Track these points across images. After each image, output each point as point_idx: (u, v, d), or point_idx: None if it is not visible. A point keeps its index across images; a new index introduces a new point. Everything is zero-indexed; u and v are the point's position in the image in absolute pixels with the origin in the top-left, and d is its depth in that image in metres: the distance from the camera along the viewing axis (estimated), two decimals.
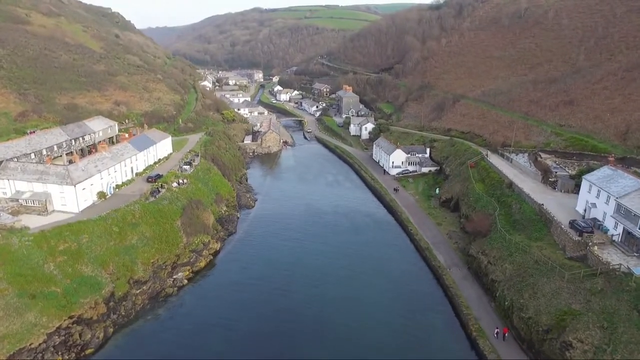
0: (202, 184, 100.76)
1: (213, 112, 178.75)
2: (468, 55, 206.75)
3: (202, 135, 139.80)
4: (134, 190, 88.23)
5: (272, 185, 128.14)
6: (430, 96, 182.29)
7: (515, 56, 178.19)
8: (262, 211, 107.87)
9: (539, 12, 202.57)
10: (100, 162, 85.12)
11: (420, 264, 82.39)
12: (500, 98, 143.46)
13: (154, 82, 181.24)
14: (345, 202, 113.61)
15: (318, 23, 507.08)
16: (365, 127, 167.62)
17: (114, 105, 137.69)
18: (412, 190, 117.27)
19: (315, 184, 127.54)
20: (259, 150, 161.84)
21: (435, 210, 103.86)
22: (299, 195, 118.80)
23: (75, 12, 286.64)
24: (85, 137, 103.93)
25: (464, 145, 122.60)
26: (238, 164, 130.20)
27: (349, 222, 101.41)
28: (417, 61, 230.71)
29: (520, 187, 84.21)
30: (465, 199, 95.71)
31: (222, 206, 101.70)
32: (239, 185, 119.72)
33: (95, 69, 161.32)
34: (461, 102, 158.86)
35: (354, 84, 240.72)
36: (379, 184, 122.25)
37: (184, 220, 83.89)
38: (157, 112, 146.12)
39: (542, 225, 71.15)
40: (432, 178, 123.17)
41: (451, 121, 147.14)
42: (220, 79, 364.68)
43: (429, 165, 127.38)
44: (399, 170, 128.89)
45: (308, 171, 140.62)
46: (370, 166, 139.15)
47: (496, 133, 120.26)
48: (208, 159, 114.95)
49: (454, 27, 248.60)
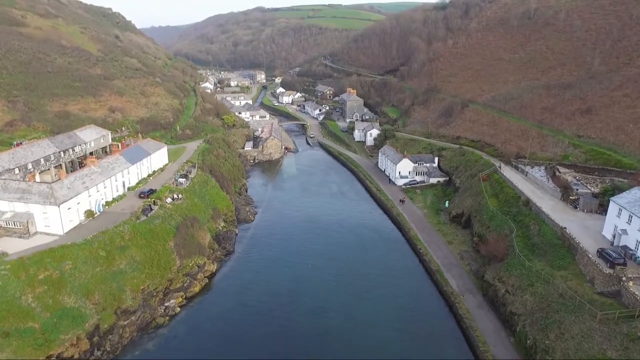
0: (199, 198, 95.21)
1: (213, 117, 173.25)
2: (476, 58, 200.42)
3: (201, 143, 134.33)
4: (125, 208, 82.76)
5: (273, 196, 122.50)
6: (437, 100, 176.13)
7: (525, 59, 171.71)
8: (262, 226, 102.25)
9: (549, 13, 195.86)
10: (88, 178, 79.64)
11: (431, 289, 76.56)
12: (511, 104, 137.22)
13: (152, 85, 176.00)
14: (350, 215, 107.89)
15: (321, 23, 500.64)
16: (370, 133, 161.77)
17: (109, 112, 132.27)
18: (420, 203, 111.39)
19: (318, 195, 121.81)
20: (260, 158, 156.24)
21: (445, 226, 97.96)
22: (301, 207, 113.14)
23: (74, 12, 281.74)
24: (75, 149, 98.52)
25: (475, 155, 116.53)
26: (237, 174, 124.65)
27: (354, 238, 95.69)
28: (423, 63, 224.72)
29: (538, 206, 78.17)
30: (477, 216, 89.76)
31: (220, 222, 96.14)
32: (238, 197, 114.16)
33: (90, 73, 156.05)
34: (470, 107, 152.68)
35: (358, 87, 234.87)
36: (385, 195, 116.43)
37: (178, 241, 78.33)
38: (154, 118, 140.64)
39: (566, 251, 65.17)
40: (441, 189, 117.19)
41: (460, 128, 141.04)
42: (222, 80, 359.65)
43: (438, 175, 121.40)
44: (406, 180, 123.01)
45: (311, 180, 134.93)
46: (376, 175, 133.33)
47: (509, 142, 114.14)
48: (205, 170, 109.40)
49: (461, 28, 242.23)
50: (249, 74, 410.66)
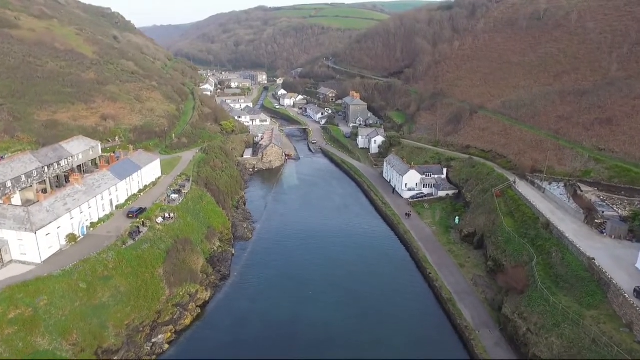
0: (192, 216, 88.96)
1: (211, 122, 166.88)
2: (483, 60, 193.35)
3: (197, 152, 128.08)
4: (112, 229, 76.47)
5: (272, 210, 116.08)
6: (444, 106, 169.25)
7: (536, 62, 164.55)
8: (261, 244, 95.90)
9: (560, 14, 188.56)
10: (70, 199, 73.43)
11: (443, 322, 70.10)
12: (523, 111, 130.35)
13: (148, 90, 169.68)
14: (354, 232, 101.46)
15: (323, 22, 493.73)
16: (375, 140, 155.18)
17: (101, 119, 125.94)
18: (428, 219, 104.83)
19: (320, 209, 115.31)
20: (260, 166, 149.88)
21: (456, 246, 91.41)
22: (302, 223, 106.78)
23: (71, 13, 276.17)
24: (61, 162, 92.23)
25: (486, 167, 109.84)
26: (235, 186, 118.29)
27: (358, 260, 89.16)
28: (429, 65, 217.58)
29: (560, 230, 71.55)
30: (492, 237, 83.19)
31: (215, 241, 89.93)
32: (236, 212, 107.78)
33: (83, 78, 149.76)
34: (479, 114, 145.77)
35: (361, 90, 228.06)
36: (391, 210, 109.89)
37: (168, 268, 72.11)
38: (149, 126, 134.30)
39: (595, 286, 58.59)
40: (450, 204, 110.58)
41: (469, 136, 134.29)
42: (223, 81, 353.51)
43: (447, 188, 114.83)
44: (413, 193, 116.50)
45: (313, 192, 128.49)
46: (381, 186, 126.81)
47: (523, 154, 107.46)
48: (201, 183, 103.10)
49: (467, 29, 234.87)
50: (250, 74, 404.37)
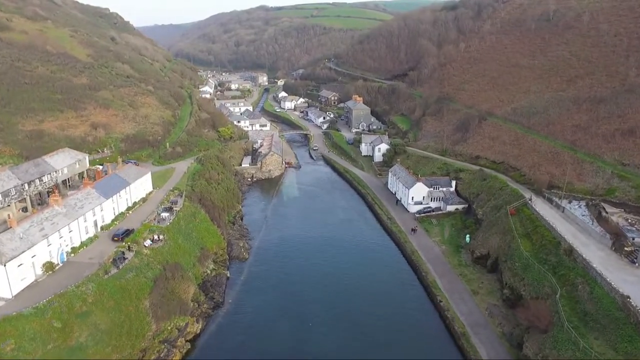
0: (184, 237, 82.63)
1: (208, 129, 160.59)
2: (491, 63, 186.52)
3: (192, 162, 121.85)
4: (94, 255, 70.19)
5: (271, 224, 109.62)
6: (451, 111, 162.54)
7: (547, 66, 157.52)
8: (258, 266, 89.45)
9: (570, 15, 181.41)
10: (48, 223, 67.16)
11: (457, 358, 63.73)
12: (535, 119, 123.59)
13: (143, 95, 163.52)
14: (358, 252, 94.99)
15: (325, 22, 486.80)
16: (379, 148, 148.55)
17: (91, 128, 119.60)
18: (436, 237, 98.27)
19: (322, 225, 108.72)
20: (259, 175, 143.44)
21: (467, 269, 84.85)
22: (304, 240, 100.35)
23: (67, 14, 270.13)
24: (43, 179, 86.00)
25: (499, 181, 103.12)
26: (232, 199, 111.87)
27: (362, 284, 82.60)
28: (434, 68, 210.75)
29: (585, 258, 64.97)
30: (508, 262, 76.65)
31: (209, 264, 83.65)
32: (232, 229, 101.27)
33: (74, 83, 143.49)
34: (488, 121, 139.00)
35: (364, 93, 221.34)
36: (397, 226, 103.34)
37: (155, 299, 65.82)
38: (142, 134, 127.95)
39: (633, 330, 51.99)
40: (460, 219, 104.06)
41: (479, 146, 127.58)
42: (223, 82, 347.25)
43: (456, 202, 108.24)
44: (420, 207, 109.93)
45: (314, 204, 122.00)
46: (386, 199, 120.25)
47: (538, 167, 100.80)
48: (194, 199, 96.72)
49: (473, 30, 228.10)
50: (250, 75, 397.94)
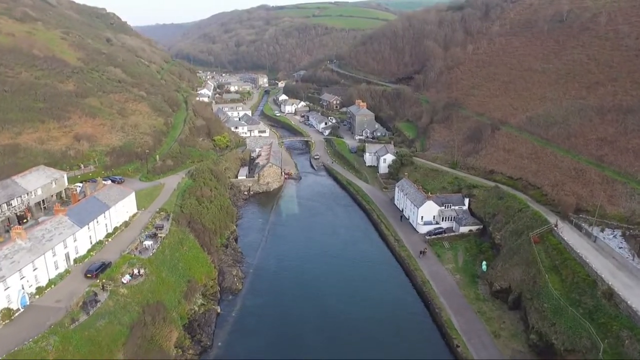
0: (169, 269, 73.72)
1: (203, 137, 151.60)
2: (501, 67, 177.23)
3: (183, 177, 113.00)
4: (63, 297, 61.32)
5: (268, 247, 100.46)
6: (460, 118, 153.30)
7: (562, 71, 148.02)
8: (252, 300, 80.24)
9: (585, 16, 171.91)
10: (7, 261, 58.26)
11: None
12: (555, 130, 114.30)
13: (135, 101, 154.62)
14: (363, 281, 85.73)
15: (327, 22, 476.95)
16: (384, 159, 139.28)
17: (73, 140, 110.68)
18: (449, 264, 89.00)
19: (324, 247, 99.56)
20: (256, 188, 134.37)
21: (486, 304, 75.65)
22: (303, 267, 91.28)
23: (61, 14, 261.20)
24: (12, 202, 77.25)
25: (517, 201, 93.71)
26: (225, 219, 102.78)
27: (368, 321, 73.66)
28: (440, 71, 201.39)
29: (630, 305, 55.71)
30: (534, 301, 67.47)
31: (197, 299, 74.73)
32: (224, 254, 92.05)
33: (60, 90, 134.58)
34: (502, 130, 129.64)
35: (367, 97, 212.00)
36: (405, 250, 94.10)
37: (130, 351, 56.85)
38: (130, 146, 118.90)
39: None
40: (475, 243, 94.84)
41: (493, 159, 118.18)
42: (222, 84, 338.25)
43: (470, 222, 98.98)
44: (430, 227, 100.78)
45: (315, 223, 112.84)
46: (392, 216, 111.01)
47: (561, 186, 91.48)
48: (183, 222, 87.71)
49: (481, 31, 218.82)
50: (250, 77, 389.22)
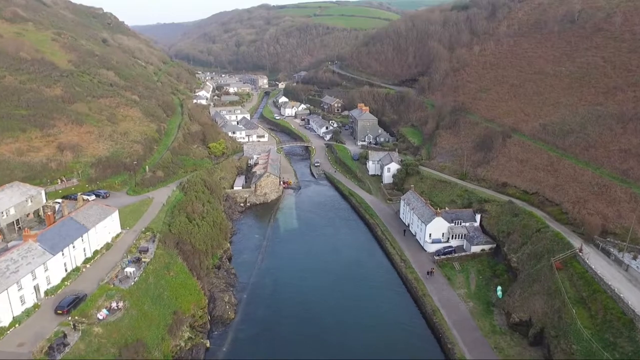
0: (152, 300, 66.38)
1: (197, 144, 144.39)
2: (509, 69, 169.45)
3: (174, 189, 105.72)
4: (26, 340, 53.94)
5: (264, 268, 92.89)
6: (468, 124, 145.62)
7: (577, 74, 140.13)
8: (246, 330, 72.86)
9: (599, 16, 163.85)
10: None
11: None
12: (572, 139, 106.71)
13: (126, 106, 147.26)
14: (368, 309, 78.31)
15: (328, 22, 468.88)
16: (388, 168, 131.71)
17: (56, 151, 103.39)
18: (461, 288, 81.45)
19: (325, 268, 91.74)
20: (253, 200, 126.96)
21: (503, 338, 68.10)
22: (302, 291, 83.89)
23: (55, 15, 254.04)
24: None
25: (534, 219, 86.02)
26: (218, 236, 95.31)
27: (375, 353, 66.44)
28: (446, 73, 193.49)
29: None
30: (560, 340, 59.95)
31: (183, 332, 67.29)
32: (216, 277, 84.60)
33: (45, 95, 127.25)
34: (514, 138, 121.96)
35: (370, 100, 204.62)
36: (413, 272, 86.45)
37: None
38: (117, 156, 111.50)
39: None
40: (488, 264, 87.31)
41: (505, 170, 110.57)
42: (221, 86, 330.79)
43: (482, 241, 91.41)
44: (439, 246, 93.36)
45: (315, 239, 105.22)
46: (397, 232, 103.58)
47: (583, 204, 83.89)
48: (170, 244, 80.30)
49: (488, 32, 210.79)
50: (250, 78, 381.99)
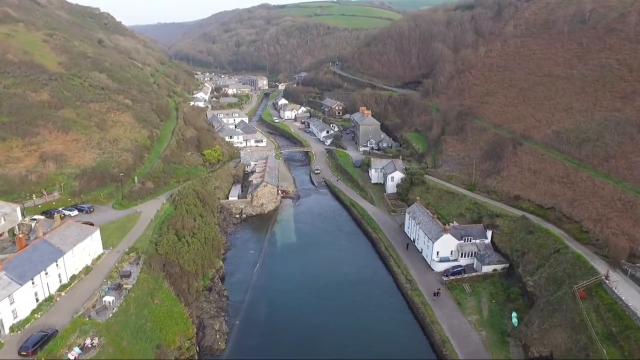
0: (132, 334, 59.71)
1: (192, 151, 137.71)
2: (517, 71, 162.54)
3: (164, 202, 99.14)
4: None
5: (259, 288, 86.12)
6: (476, 130, 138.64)
7: (590, 77, 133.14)
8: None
9: (611, 16, 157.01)
10: None
11: None
12: (589, 149, 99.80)
13: (118, 111, 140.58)
14: (371, 338, 71.67)
15: (329, 22, 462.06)
16: (392, 177, 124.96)
17: (38, 161, 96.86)
18: (472, 314, 74.59)
19: (324, 287, 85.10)
20: (249, 211, 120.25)
21: None
22: (300, 313, 77.32)
23: (49, 15, 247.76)
24: None
25: (552, 238, 79.08)
26: (210, 254, 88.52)
27: None
28: (451, 75, 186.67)
29: None
30: None
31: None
32: (206, 300, 77.67)
33: (30, 101, 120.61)
34: (525, 146, 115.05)
35: (372, 103, 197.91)
36: (420, 296, 79.57)
37: None
38: (104, 166, 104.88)
39: None
40: (501, 286, 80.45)
41: (517, 181, 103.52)
42: (220, 87, 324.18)
43: (494, 260, 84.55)
44: (447, 265, 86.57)
45: (314, 256, 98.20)
46: (402, 248, 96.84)
47: (606, 222, 77.00)
48: (156, 266, 73.61)
49: (494, 32, 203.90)
50: (250, 79, 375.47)
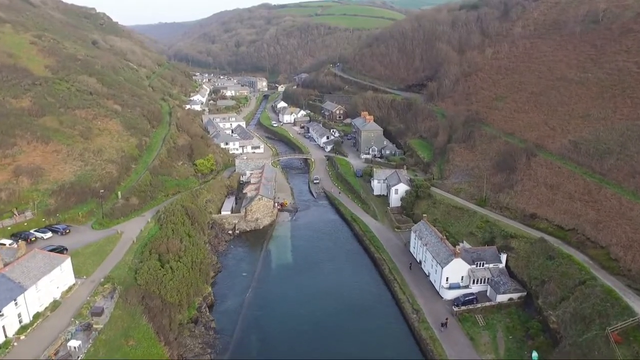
0: None
1: (183, 161, 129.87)
2: (527, 74, 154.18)
3: (149, 220, 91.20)
4: None
5: (250, 319, 77.86)
6: (485, 138, 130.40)
7: (606, 82, 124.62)
8: None
9: (627, 16, 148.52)
10: None
11: None
12: (612, 162, 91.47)
13: (105, 117, 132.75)
14: None
15: (330, 21, 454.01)
16: (396, 189, 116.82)
17: (11, 176, 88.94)
18: (487, 353, 66.03)
19: (322, 316, 76.83)
20: (243, 226, 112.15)
21: None
22: (296, 349, 69.22)
23: (41, 15, 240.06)
24: None
25: (576, 266, 70.79)
26: (198, 280, 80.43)
27: None
28: (456, 78, 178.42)
29: None
30: None
31: None
32: (190, 335, 69.44)
33: (9, 108, 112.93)
34: (539, 157, 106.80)
35: (374, 107, 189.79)
36: (428, 329, 71.43)
37: None
38: (85, 180, 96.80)
39: None
40: (518, 319, 72.13)
41: (533, 197, 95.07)
42: (218, 89, 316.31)
43: (510, 288, 76.22)
44: (457, 292, 78.40)
45: (312, 278, 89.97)
46: (407, 271, 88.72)
47: (638, 249, 68.72)
48: (134, 299, 65.57)
49: (501, 33, 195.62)
50: (249, 80, 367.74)
